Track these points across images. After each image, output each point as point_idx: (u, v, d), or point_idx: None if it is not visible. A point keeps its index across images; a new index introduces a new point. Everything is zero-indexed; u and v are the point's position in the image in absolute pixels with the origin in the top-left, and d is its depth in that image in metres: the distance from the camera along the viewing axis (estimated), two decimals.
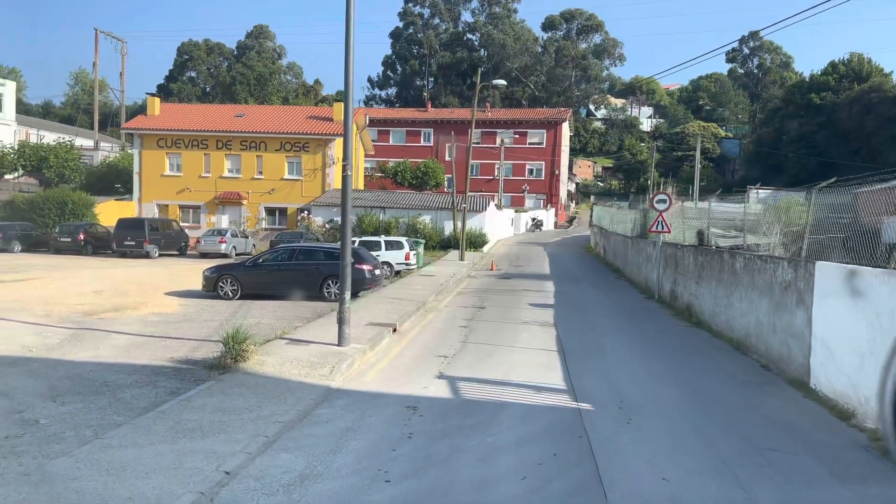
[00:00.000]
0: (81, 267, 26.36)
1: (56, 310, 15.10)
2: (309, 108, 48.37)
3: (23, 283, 20.31)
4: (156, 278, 22.72)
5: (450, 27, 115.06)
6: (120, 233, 31.77)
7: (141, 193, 42.13)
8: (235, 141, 41.80)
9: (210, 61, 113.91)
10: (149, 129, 41.75)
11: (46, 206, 36.38)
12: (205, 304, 16.89)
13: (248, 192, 41.74)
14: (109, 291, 18.81)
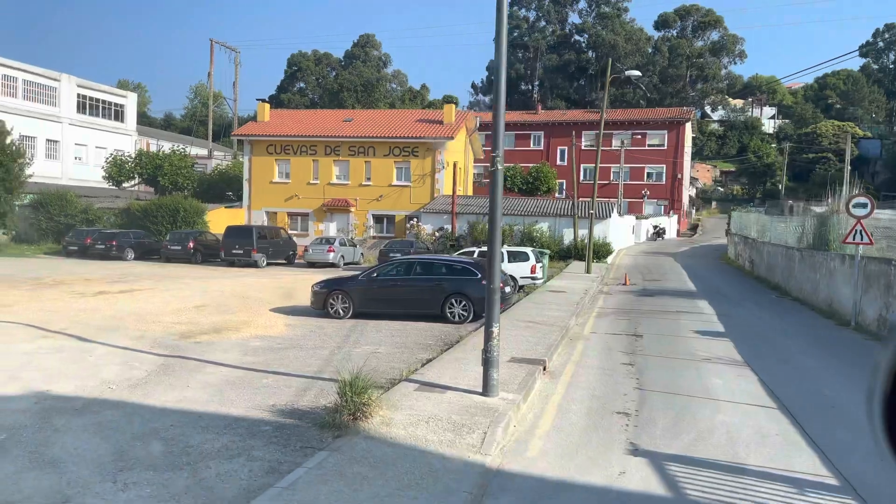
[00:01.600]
0: (188, 277, 25.29)
1: (151, 330, 13.37)
2: (418, 112, 46.60)
3: (127, 294, 19.08)
4: (262, 291, 21.06)
5: (556, 29, 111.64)
6: (228, 241, 30.81)
7: (250, 201, 41.59)
8: (344, 146, 40.47)
9: (318, 71, 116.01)
10: (258, 136, 41.17)
11: (159, 213, 36.29)
12: (313, 325, 14.77)
13: (355, 198, 40.28)
14: (212, 307, 17.13)
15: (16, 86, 46.55)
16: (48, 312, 14.93)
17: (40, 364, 10.22)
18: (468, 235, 35.08)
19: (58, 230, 37.09)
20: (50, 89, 49.36)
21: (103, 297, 18.39)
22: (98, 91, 53.94)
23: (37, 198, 37.78)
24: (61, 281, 22.03)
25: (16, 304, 16.24)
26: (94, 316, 14.70)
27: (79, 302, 17.04)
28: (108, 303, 17.12)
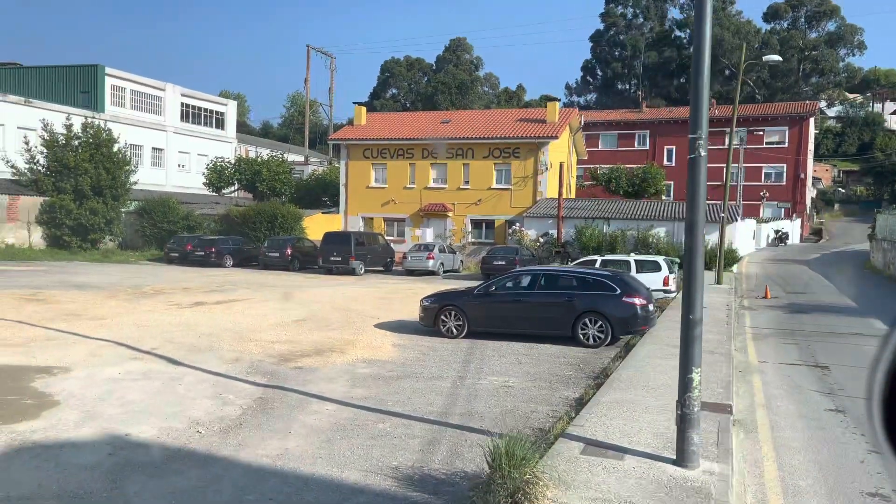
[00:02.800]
0: (287, 286, 24.18)
1: (248, 351, 11.88)
2: (519, 111, 44.44)
3: (224, 306, 17.94)
4: (363, 303, 19.50)
5: (656, 26, 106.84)
6: (326, 247, 29.70)
7: (347, 206, 40.68)
8: (441, 149, 38.86)
9: (410, 77, 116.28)
10: (355, 140, 40.21)
11: (258, 219, 35.84)
12: (424, 345, 12.92)
13: (453, 203, 38.55)
14: (312, 321, 15.63)
15: (124, 96, 47.81)
16: (141, 328, 13.79)
17: (124, 395, 8.80)
18: (575, 241, 32.60)
19: (161, 236, 37.34)
20: (156, 98, 50.52)
21: (200, 308, 17.29)
22: (200, 99, 54.95)
23: (141, 205, 38.23)
24: (160, 290, 21.30)
25: (110, 316, 15.28)
26: (188, 332, 13.43)
27: (174, 315, 15.94)
28: (205, 316, 15.93)
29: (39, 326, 13.55)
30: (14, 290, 19.36)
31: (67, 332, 12.91)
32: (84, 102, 44.28)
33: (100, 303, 17.70)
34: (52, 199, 34.91)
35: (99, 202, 35.35)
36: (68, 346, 11.59)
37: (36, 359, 10.59)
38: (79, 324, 14.04)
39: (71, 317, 15.01)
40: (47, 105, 40.79)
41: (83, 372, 9.94)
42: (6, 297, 17.75)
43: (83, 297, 18.54)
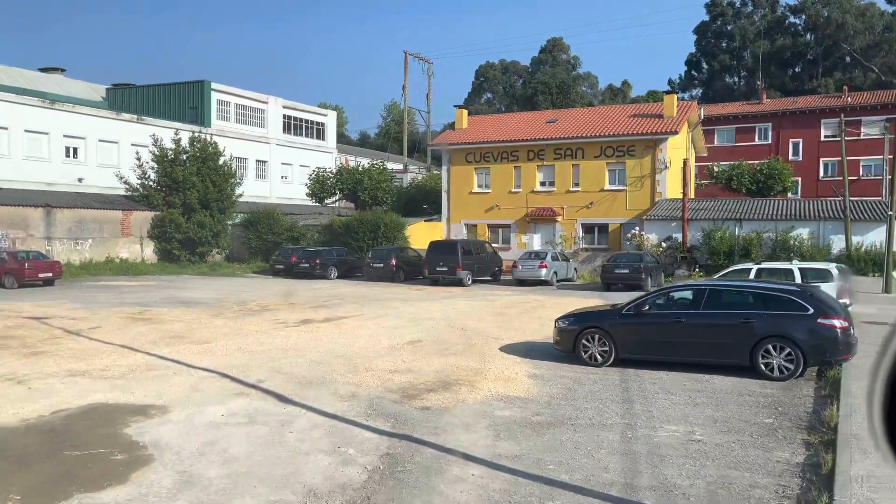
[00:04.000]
0: (393, 299, 22.75)
1: (365, 383, 10.26)
2: (631, 106, 41.57)
3: (332, 324, 16.60)
4: (479, 319, 17.68)
5: (767, 13, 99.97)
6: (432, 257, 28.19)
7: (449, 213, 39.19)
8: (549, 150, 36.68)
9: (505, 80, 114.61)
10: (457, 144, 38.67)
11: (360, 229, 34.93)
12: (567, 377, 10.89)
13: (562, 207, 36.24)
14: (429, 343, 13.93)
15: (229, 110, 48.53)
16: (247, 354, 12.50)
17: (227, 448, 7.29)
18: (703, 246, 29.54)
19: (266, 248, 37.18)
20: (259, 112, 51.08)
21: (307, 328, 16.01)
22: (301, 111, 55.24)
23: (247, 217, 38.26)
24: (265, 306, 20.33)
25: (215, 339, 14.17)
26: (296, 359, 12.01)
27: (281, 336, 14.67)
28: (313, 337, 14.56)
29: (142, 352, 12.53)
30: (123, 308, 18.86)
31: (170, 360, 11.78)
32: (192, 118, 45.16)
33: (205, 322, 16.77)
34: (162, 214, 35.38)
35: (206, 215, 35.52)
36: (169, 378, 10.36)
37: (133, 395, 9.37)
38: (182, 348, 12.94)
39: (175, 339, 14.00)
40: (157, 122, 41.74)
41: (182, 413, 8.58)
42: (115, 318, 17.14)
43: (189, 316, 17.72)
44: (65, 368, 10.90)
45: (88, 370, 10.80)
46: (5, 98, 34.54)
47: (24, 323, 15.85)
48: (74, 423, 8.08)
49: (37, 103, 35.89)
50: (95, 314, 17.72)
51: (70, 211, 32.71)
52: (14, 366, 11.15)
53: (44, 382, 9.90)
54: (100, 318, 17.02)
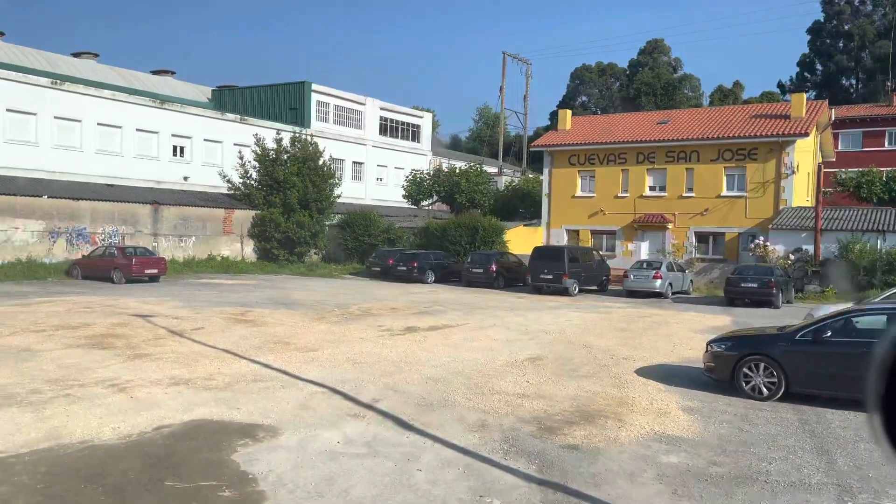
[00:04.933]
0: (497, 307, 21.40)
1: (493, 409, 8.93)
2: (752, 107, 38.54)
3: (439, 334, 15.43)
4: (599, 334, 16.05)
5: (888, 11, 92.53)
6: (536, 264, 26.67)
7: (549, 218, 37.49)
8: (660, 152, 34.39)
9: (601, 83, 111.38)
10: (560, 145, 36.96)
11: (458, 232, 33.80)
12: (728, 412, 9.18)
13: (673, 213, 33.85)
14: (551, 361, 12.48)
15: (328, 111, 48.68)
16: (356, 365, 11.44)
17: (348, 487, 6.12)
18: (839, 258, 26.60)
19: (362, 250, 36.72)
20: (357, 113, 51.04)
21: (413, 337, 14.89)
22: (397, 113, 54.92)
23: (344, 218, 37.97)
24: (367, 310, 19.43)
25: (320, 346, 13.23)
26: (410, 374, 10.84)
27: (388, 345, 13.59)
28: (422, 348, 13.40)
29: (246, 359, 11.70)
30: (225, 308, 18.40)
31: (275, 369, 10.86)
32: (292, 119, 45.50)
33: (308, 326, 15.96)
34: (262, 213, 35.51)
35: (305, 215, 35.39)
36: (276, 392, 9.39)
37: (240, 411, 8.41)
38: (287, 356, 12.04)
39: (279, 345, 13.16)
40: (259, 122, 42.20)
41: (294, 437, 7.51)
42: (217, 318, 16.62)
43: (291, 319, 16.99)
44: (168, 375, 10.15)
45: (192, 378, 9.99)
46: (120, 98, 35.61)
47: (130, 321, 15.51)
48: (178, 445, 7.14)
49: (148, 103, 36.86)
50: (198, 313, 17.29)
51: (176, 208, 33.26)
52: (118, 369, 10.51)
53: (146, 392, 9.12)
54: (202, 318, 16.53)
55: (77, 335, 13.39)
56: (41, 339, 12.89)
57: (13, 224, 27.33)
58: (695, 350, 14.26)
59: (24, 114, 31.42)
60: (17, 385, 9.23)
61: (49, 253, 28.30)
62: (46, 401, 8.49)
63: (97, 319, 15.52)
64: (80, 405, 8.36)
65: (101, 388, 9.25)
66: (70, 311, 16.82)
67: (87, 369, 10.40)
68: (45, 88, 32.31)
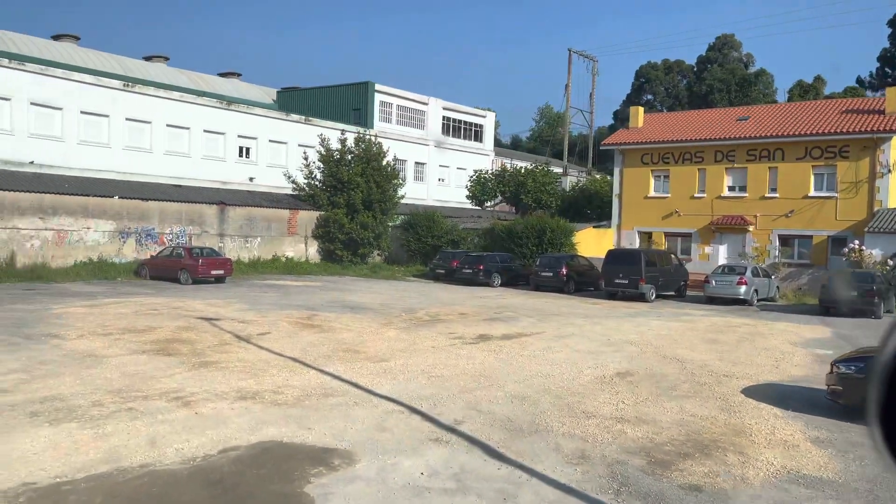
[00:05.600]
0: (572, 314, 20.26)
1: (591, 435, 7.91)
2: (842, 101, 36.11)
3: (514, 343, 14.46)
4: (688, 346, 14.75)
5: None
6: (610, 268, 25.33)
7: (620, 219, 35.96)
8: (740, 150, 32.46)
9: (668, 81, 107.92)
10: (632, 144, 35.40)
11: (524, 234, 32.66)
12: (865, 444, 7.88)
13: (754, 215, 31.89)
14: (643, 377, 11.34)
15: (390, 111, 48.26)
16: (433, 379, 10.57)
17: None
18: None
19: (425, 251, 36.03)
20: (419, 113, 50.48)
21: (488, 347, 13.95)
22: (460, 112, 54.09)
23: (406, 219, 37.37)
24: (435, 316, 18.59)
25: (391, 355, 12.43)
26: (492, 391, 9.90)
27: (463, 357, 12.69)
28: (500, 360, 12.45)
29: (315, 369, 10.99)
30: (291, 312, 17.87)
31: (346, 382, 10.09)
32: (355, 119, 45.23)
33: (376, 332, 15.22)
34: (326, 214, 35.23)
35: (369, 216, 34.92)
36: (349, 410, 8.59)
37: (312, 432, 7.63)
38: (358, 366, 11.28)
39: (348, 354, 12.43)
40: (323, 123, 42.06)
41: (372, 465, 6.67)
42: (283, 322, 16.07)
43: (358, 324, 16.30)
44: (234, 387, 9.49)
45: (259, 391, 9.31)
46: (188, 99, 35.94)
47: (195, 325, 15.09)
48: (245, 472, 6.39)
49: (215, 104, 37.10)
50: (264, 317, 16.79)
51: (242, 209, 33.27)
52: (182, 379, 9.93)
53: (212, 406, 8.45)
54: (269, 322, 16.01)
55: (142, 340, 12.98)
56: (107, 343, 12.52)
57: (86, 224, 27.70)
58: (802, 367, 12.87)
59: (97, 116, 31.95)
60: (80, 396, 8.71)
61: (119, 253, 28.59)
62: (108, 415, 7.91)
63: (163, 323, 15.17)
64: (143, 421, 7.75)
65: (164, 401, 8.64)
66: (137, 314, 16.57)
67: (152, 378, 9.86)
68: (117, 91, 32.81)
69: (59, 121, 30.72)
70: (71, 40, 40.59)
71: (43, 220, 26.51)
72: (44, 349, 11.74)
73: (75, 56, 37.37)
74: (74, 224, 27.39)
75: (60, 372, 10.06)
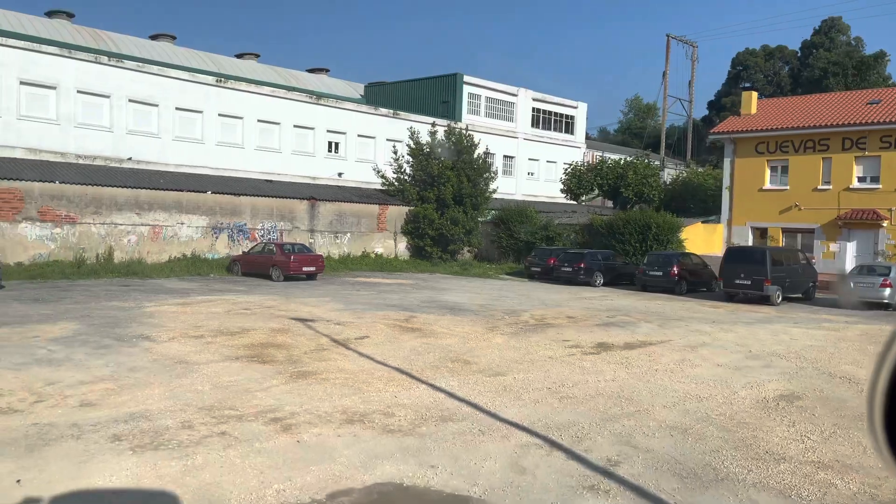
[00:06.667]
0: (693, 318, 18.18)
1: (790, 488, 6.12)
2: None
3: (640, 353, 12.69)
4: (853, 361, 12.52)
5: None
6: (730, 267, 22.92)
7: (731, 214, 33.15)
8: (872, 137, 29.13)
9: (768, 68, 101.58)
10: (745, 132, 32.51)
11: (626, 229, 30.48)
12: None
13: (889, 209, 28.54)
14: (811, 399, 9.39)
15: (479, 103, 46.80)
16: (564, 401, 8.98)
17: None
18: None
19: (517, 248, 34.41)
20: (508, 105, 48.79)
21: (611, 357, 12.25)
22: (550, 103, 51.98)
23: (498, 214, 35.84)
24: (541, 319, 16.97)
25: (507, 367, 10.92)
26: (643, 421, 8.22)
27: (588, 370, 11.04)
28: (632, 374, 10.73)
29: (424, 383, 9.62)
30: (388, 313, 16.67)
31: (463, 401, 8.66)
32: (442, 112, 44.03)
33: (482, 338, 13.77)
34: (416, 209, 34.17)
35: (459, 211, 33.62)
36: (474, 440, 7.13)
37: (436, 472, 6.22)
38: (472, 380, 9.85)
39: (458, 364, 11.02)
40: (411, 116, 41.09)
41: None
42: (381, 324, 14.86)
43: (461, 328, 14.90)
44: (338, 406, 8.22)
45: (367, 413, 7.99)
46: (278, 94, 35.66)
47: (290, 326, 14.08)
48: None
49: (304, 99, 36.70)
50: (360, 318, 15.66)
51: (331, 204, 32.64)
52: (280, 394, 8.76)
53: (316, 433, 7.18)
54: (366, 324, 14.84)
55: (236, 344, 12.01)
56: (199, 347, 11.61)
57: (180, 219, 27.64)
58: None
59: (191, 112, 32.04)
60: (168, 413, 7.65)
61: (212, 248, 28.43)
62: (198, 441, 6.77)
63: (256, 324, 14.24)
64: (238, 450, 6.55)
65: (261, 422, 7.45)
66: (229, 313, 15.78)
67: (247, 392, 8.74)
68: (210, 87, 32.82)
69: (155, 117, 30.94)
70: (168, 39, 41.22)
71: (139, 216, 26.57)
72: (134, 353, 10.92)
73: (171, 54, 37.81)
74: (169, 219, 27.35)
75: (149, 381, 9.11)
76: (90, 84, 28.83)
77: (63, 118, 28.13)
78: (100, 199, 25.56)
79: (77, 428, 7.04)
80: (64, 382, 8.92)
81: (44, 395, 8.29)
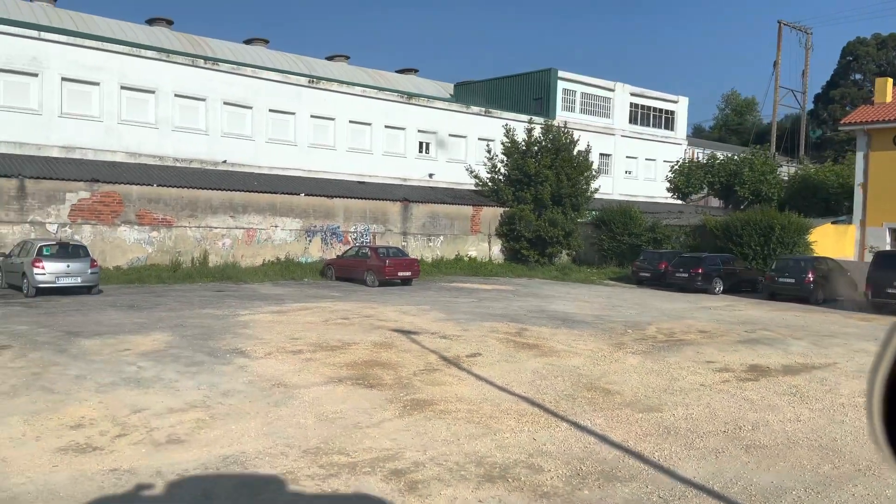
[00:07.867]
0: (846, 334, 15.65)
1: None
2: None
3: (808, 380, 10.57)
4: None
5: None
6: (881, 273, 20.04)
7: (864, 214, 29.67)
8: None
9: (880, 57, 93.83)
10: (882, 122, 29.00)
11: (745, 231, 27.64)
12: None
13: None
14: None
15: (574, 99, 44.61)
16: (751, 452, 7.08)
17: None
18: None
19: (620, 251, 32.12)
20: (604, 100, 46.33)
21: (775, 385, 10.20)
22: (649, 98, 49.09)
23: (598, 215, 33.65)
24: (670, 334, 14.92)
25: (660, 400, 9.06)
26: (867, 483, 6.27)
27: (758, 404, 9.06)
28: (817, 411, 8.67)
29: (565, 419, 7.94)
30: (495, 325, 15.09)
31: (624, 450, 6.92)
32: (536, 109, 42.14)
33: (611, 357, 11.94)
34: (511, 210, 32.49)
35: (558, 212, 31.68)
36: None
37: None
38: (622, 418, 8.08)
39: (597, 394, 9.27)
40: (504, 114, 39.49)
41: None
42: (491, 339, 13.28)
43: (583, 344, 13.11)
44: (469, 452, 6.67)
45: (507, 465, 6.39)
46: (369, 94, 34.83)
47: (392, 340, 12.72)
48: None
49: (395, 98, 35.73)
50: (466, 330, 14.15)
51: (424, 206, 31.43)
52: (394, 430, 7.30)
53: (449, 495, 5.63)
54: (474, 338, 13.30)
55: (338, 361, 10.71)
56: (297, 365, 10.37)
57: (273, 222, 27.08)
58: None
59: (284, 113, 31.61)
60: (266, 458, 6.31)
61: (305, 252, 27.74)
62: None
63: (357, 336, 12.96)
64: None
65: (379, 476, 5.98)
66: (327, 323, 14.61)
67: (356, 428, 7.33)
68: (302, 88, 32.32)
69: (248, 119, 30.66)
70: (261, 44, 41.27)
71: (233, 219, 26.15)
72: (227, 372, 9.78)
73: (264, 58, 37.70)
74: (263, 222, 26.83)
75: (245, 411, 7.86)
76: (187, 88, 28.78)
77: (161, 122, 28.15)
78: (195, 202, 25.26)
79: (160, 476, 5.79)
80: (151, 410, 7.80)
81: (128, 427, 7.16)
